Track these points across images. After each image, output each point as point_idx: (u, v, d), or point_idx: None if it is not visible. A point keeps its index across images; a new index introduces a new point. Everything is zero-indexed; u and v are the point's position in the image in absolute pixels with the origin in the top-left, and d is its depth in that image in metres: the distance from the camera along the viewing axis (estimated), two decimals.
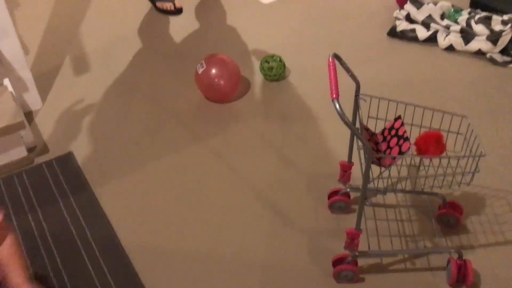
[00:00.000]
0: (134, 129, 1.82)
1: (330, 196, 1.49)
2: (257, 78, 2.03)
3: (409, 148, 1.16)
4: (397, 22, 2.24)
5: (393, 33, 2.21)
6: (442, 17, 2.21)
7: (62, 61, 2.17)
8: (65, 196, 1.57)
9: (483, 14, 2.14)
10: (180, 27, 2.36)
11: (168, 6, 2.43)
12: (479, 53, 2.06)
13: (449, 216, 1.40)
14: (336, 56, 1.21)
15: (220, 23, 2.38)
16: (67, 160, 1.69)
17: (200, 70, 1.87)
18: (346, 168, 1.46)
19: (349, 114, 1.32)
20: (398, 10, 2.31)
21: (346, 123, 1.06)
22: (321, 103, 1.88)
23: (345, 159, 1.45)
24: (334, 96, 1.08)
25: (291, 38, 2.25)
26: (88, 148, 1.75)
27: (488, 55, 2.04)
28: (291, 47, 2.19)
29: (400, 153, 1.18)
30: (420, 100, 1.87)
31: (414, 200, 1.50)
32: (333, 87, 1.10)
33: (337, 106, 1.06)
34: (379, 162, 1.21)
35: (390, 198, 1.51)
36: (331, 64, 1.15)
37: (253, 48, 2.21)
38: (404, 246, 1.38)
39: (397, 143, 1.21)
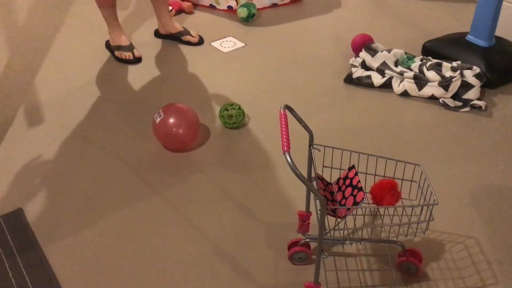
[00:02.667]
0: (88, 184, 1.76)
1: (290, 247, 1.46)
2: (217, 126, 2.02)
3: (363, 198, 1.15)
4: (353, 69, 2.30)
5: (349, 80, 2.26)
6: (396, 64, 2.28)
7: (15, 113, 2.11)
8: (12, 255, 1.48)
9: (434, 61, 2.22)
10: (139, 76, 2.35)
11: (127, 55, 2.43)
12: (433, 98, 2.13)
13: (409, 263, 1.38)
14: (288, 108, 1.22)
15: (180, 71, 2.39)
16: (15, 217, 1.61)
17: (158, 120, 1.85)
18: (304, 218, 1.44)
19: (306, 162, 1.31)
20: (353, 58, 2.38)
21: (298, 176, 1.05)
22: (280, 151, 1.87)
23: (304, 208, 1.43)
24: (285, 149, 1.07)
25: (251, 86, 2.27)
26: (39, 205, 1.67)
27: (440, 100, 2.10)
28: (251, 95, 2.21)
29: (355, 203, 1.17)
30: (378, 145, 1.90)
31: (374, 248, 1.49)
32: (285, 140, 1.09)
33: (289, 159, 1.05)
34: (334, 213, 1.20)
35: (350, 247, 1.49)
36: (282, 116, 1.15)
37: (213, 96, 2.21)
38: None
39: (351, 193, 1.20)
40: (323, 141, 1.91)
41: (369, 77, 2.24)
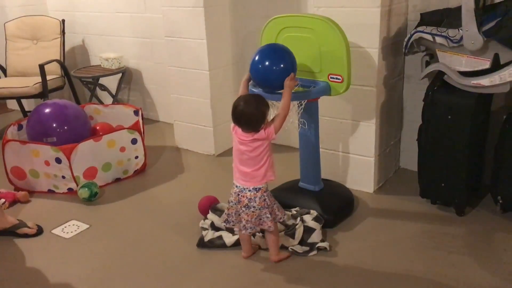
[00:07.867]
0: None
1: None
2: None
3: None
4: (204, 232, 2.32)
5: (202, 244, 2.26)
6: None
7: None
8: None
9: None
10: None
11: None
12: (283, 248, 2.21)
13: None
14: None
15: (18, 269, 2.15)
16: None
17: None
18: None
19: None
20: (203, 220, 2.41)
21: None
22: None
23: None
24: None
25: (100, 272, 2.12)
26: None
27: (289, 249, 2.19)
28: (101, 281, 2.05)
29: None
30: None
31: None
32: None
33: None
34: None
35: None
36: None
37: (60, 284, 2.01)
38: None
39: None
40: None
41: (220, 237, 2.27)
